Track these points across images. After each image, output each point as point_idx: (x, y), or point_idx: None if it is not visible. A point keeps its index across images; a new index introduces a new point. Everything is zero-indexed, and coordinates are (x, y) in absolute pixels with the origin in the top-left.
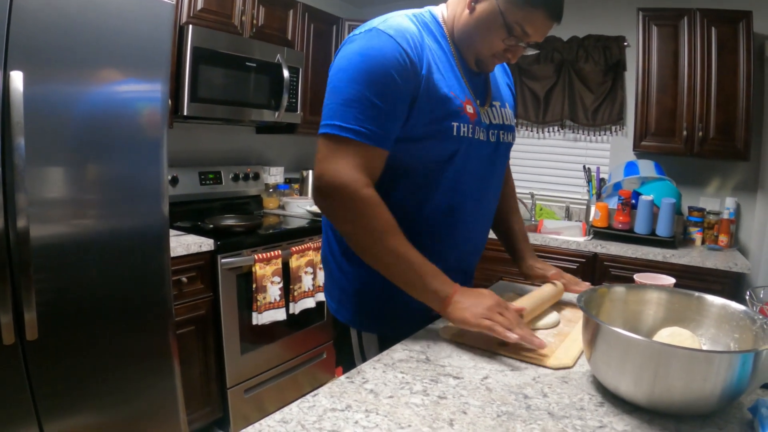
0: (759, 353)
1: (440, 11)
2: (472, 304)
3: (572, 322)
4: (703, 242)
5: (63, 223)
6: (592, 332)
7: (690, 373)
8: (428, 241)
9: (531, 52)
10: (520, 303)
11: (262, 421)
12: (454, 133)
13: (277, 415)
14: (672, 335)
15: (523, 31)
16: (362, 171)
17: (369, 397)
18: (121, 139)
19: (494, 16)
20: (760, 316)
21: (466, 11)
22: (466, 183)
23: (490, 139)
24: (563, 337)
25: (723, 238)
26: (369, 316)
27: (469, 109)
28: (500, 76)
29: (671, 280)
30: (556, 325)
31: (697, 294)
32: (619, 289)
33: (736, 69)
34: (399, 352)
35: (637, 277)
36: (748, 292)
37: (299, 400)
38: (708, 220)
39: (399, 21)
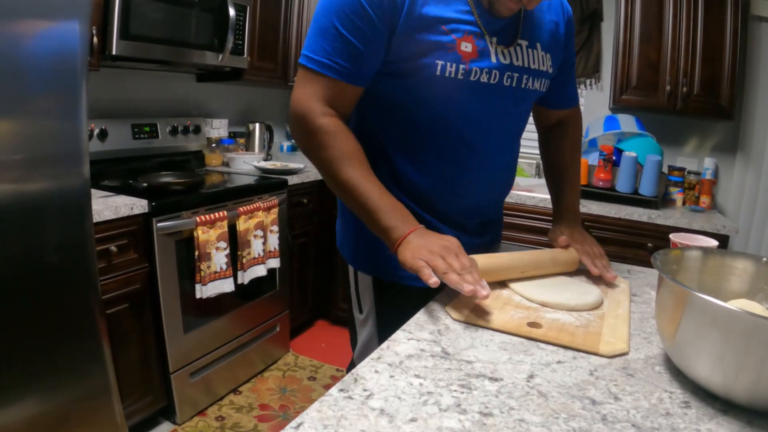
0: None
1: None
2: (420, 245)
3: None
4: (683, 203)
5: None
6: (679, 305)
7: None
8: (426, 192)
9: None
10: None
11: None
12: (437, 73)
13: None
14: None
15: None
16: (324, 102)
17: (381, 422)
18: (29, 89)
19: None
20: None
21: None
22: (466, 131)
23: (503, 82)
24: (599, 311)
25: (705, 199)
26: (363, 256)
27: (466, 47)
28: (546, 12)
29: (714, 243)
30: (598, 305)
31: None
32: (694, 254)
33: (722, 25)
34: (404, 343)
35: (674, 237)
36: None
37: None
38: (688, 180)
39: None
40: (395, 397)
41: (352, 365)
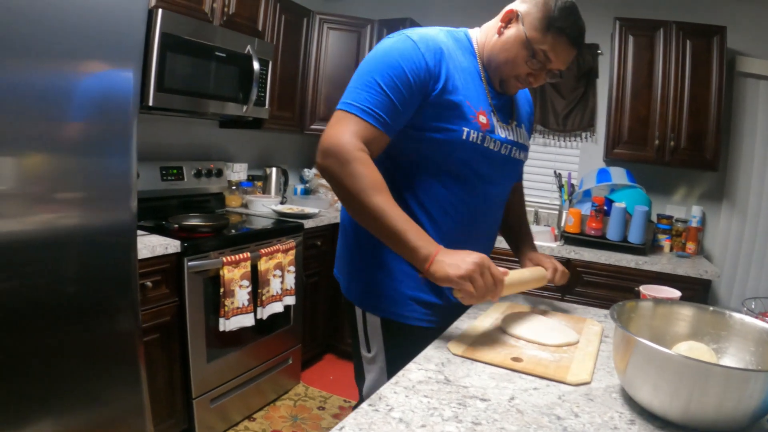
0: None
1: (474, 34)
2: (456, 261)
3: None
4: (671, 249)
5: (16, 220)
6: (627, 348)
7: (726, 390)
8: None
9: (553, 79)
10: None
11: None
12: (463, 137)
13: None
14: (690, 350)
15: (546, 57)
16: (360, 140)
17: (400, 427)
18: (88, 129)
19: (520, 41)
20: None
21: (496, 35)
22: (478, 187)
23: (501, 150)
24: (572, 349)
25: (691, 246)
26: (372, 298)
27: (482, 119)
28: (524, 103)
29: (677, 293)
30: (575, 342)
31: (713, 309)
32: (646, 304)
33: (708, 81)
34: (414, 372)
35: (643, 289)
36: (743, 304)
37: None
38: (676, 228)
39: (427, 31)
40: (410, 411)
41: (361, 400)
